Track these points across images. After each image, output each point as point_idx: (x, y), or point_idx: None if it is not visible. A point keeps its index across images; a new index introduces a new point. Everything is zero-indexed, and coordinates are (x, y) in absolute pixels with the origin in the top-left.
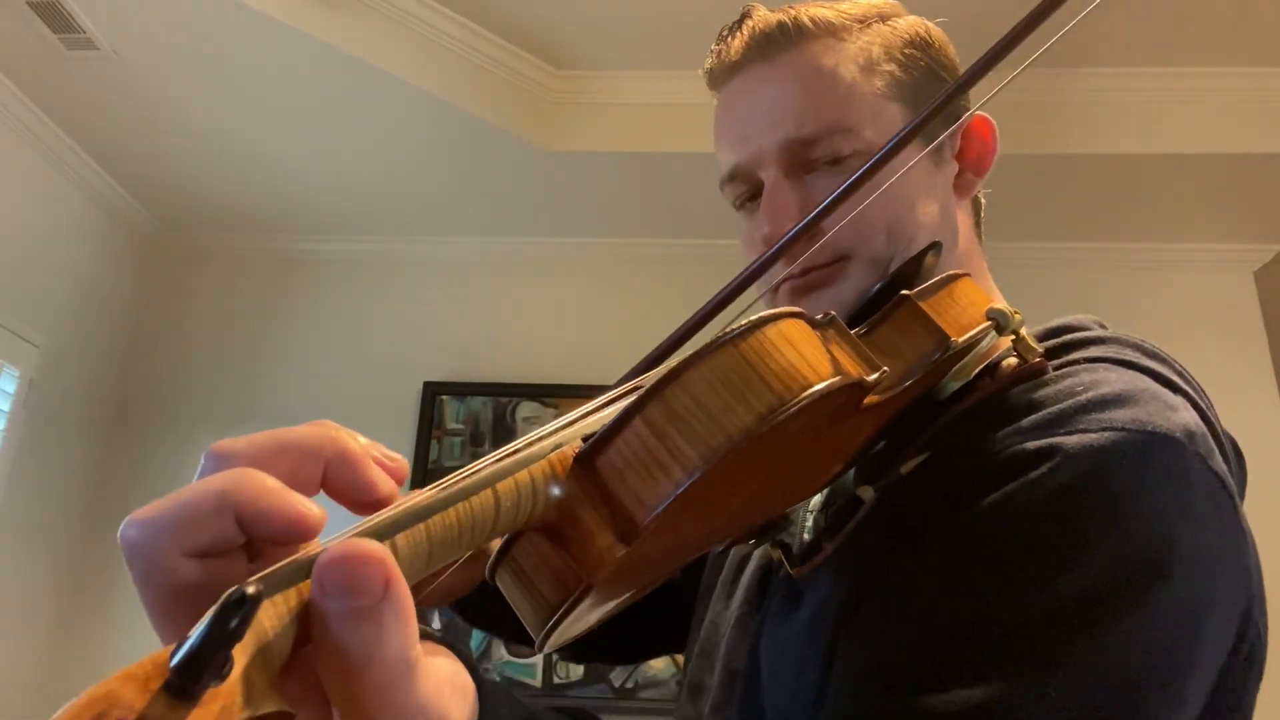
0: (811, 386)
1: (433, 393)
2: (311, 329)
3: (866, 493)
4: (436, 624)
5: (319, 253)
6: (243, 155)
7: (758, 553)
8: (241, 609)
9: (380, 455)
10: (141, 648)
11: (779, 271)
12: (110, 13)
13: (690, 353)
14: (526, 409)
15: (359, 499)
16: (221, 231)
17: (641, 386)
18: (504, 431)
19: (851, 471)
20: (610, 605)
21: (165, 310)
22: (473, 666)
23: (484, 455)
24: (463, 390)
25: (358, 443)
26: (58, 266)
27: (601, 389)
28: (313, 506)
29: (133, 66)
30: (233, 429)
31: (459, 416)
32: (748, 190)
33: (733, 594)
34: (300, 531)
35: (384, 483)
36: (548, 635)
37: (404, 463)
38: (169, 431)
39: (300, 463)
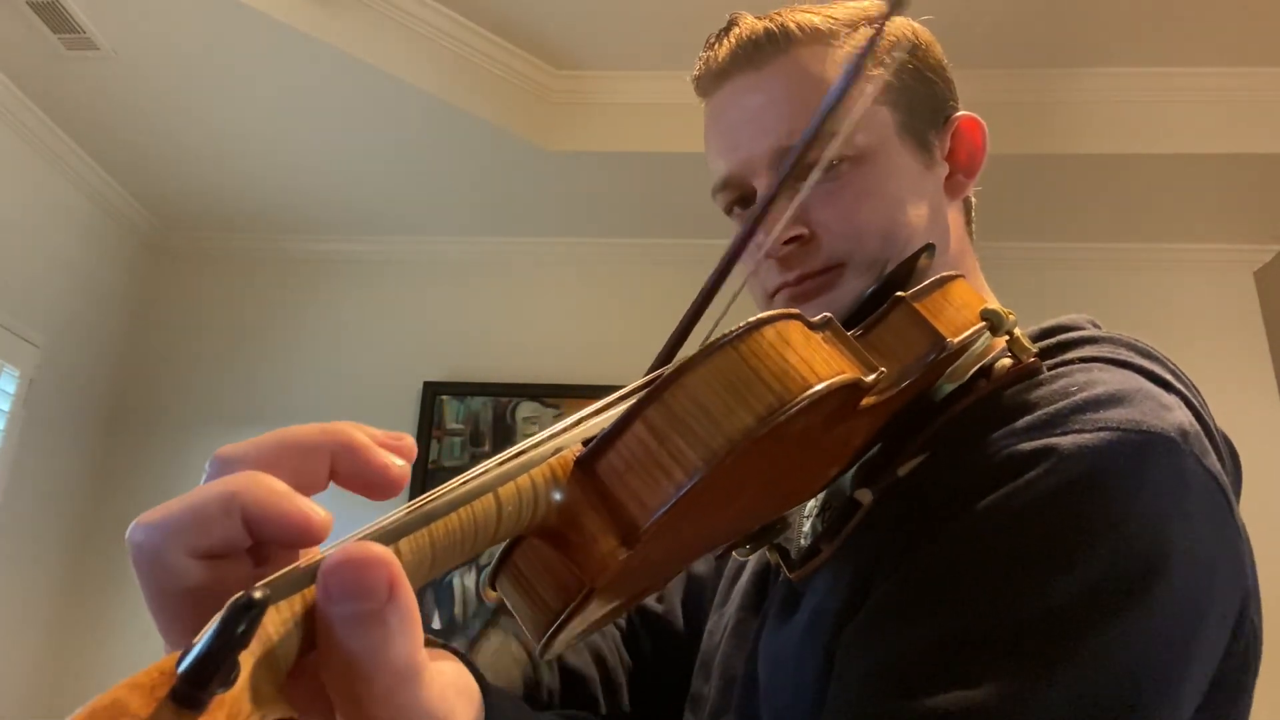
0: (811, 387)
1: (433, 393)
2: (311, 329)
3: (864, 495)
4: (436, 623)
5: (319, 253)
6: (242, 155)
7: (753, 559)
8: (249, 613)
9: (384, 437)
10: (140, 647)
11: (773, 274)
12: (110, 13)
13: (689, 356)
14: (526, 409)
15: (373, 483)
16: (221, 231)
17: (639, 391)
18: (504, 431)
19: (848, 474)
20: (610, 610)
21: (165, 310)
22: (477, 672)
23: (484, 455)
24: (463, 390)
25: (361, 432)
26: (58, 266)
27: (601, 389)
28: (319, 510)
29: (133, 66)
30: (232, 429)
31: (459, 416)
32: (739, 198)
33: (727, 603)
34: (306, 535)
35: (395, 464)
36: (550, 641)
37: (409, 439)
38: (168, 431)
39: (304, 459)
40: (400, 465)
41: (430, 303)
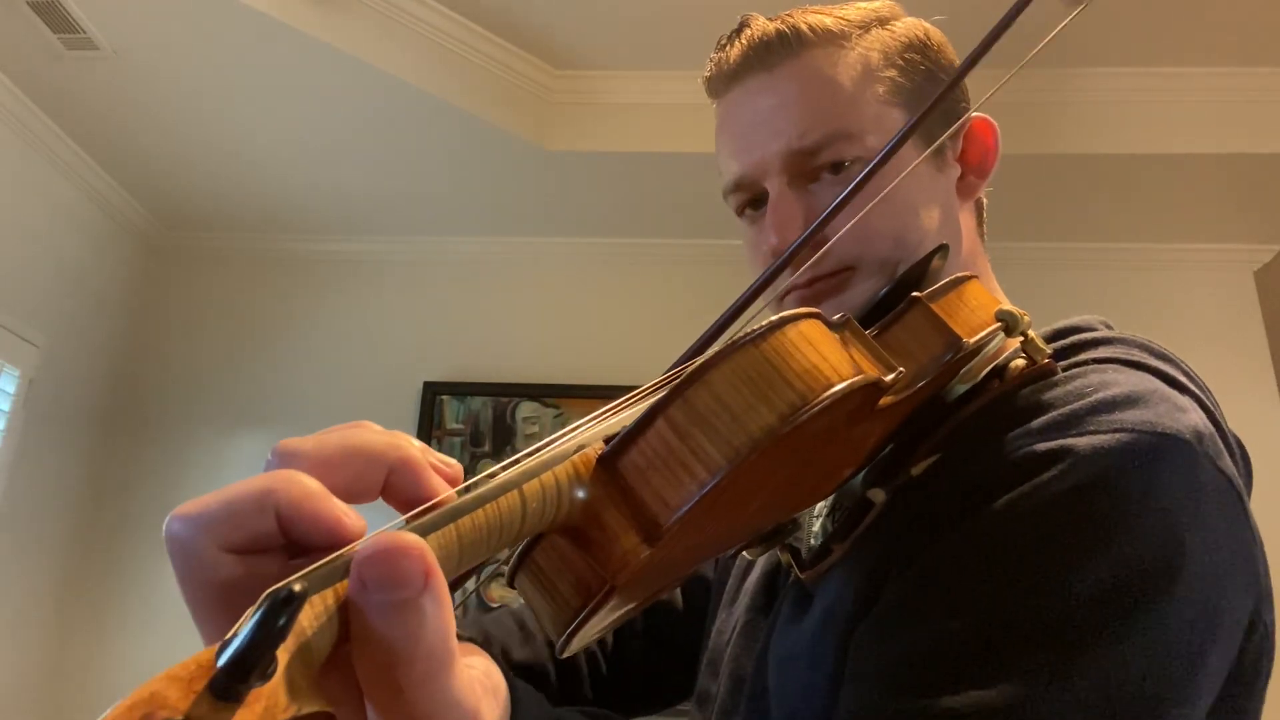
0: (833, 386)
1: (433, 393)
2: (312, 329)
3: (877, 495)
4: None
5: (319, 253)
6: (243, 155)
7: (762, 560)
8: (289, 607)
9: (437, 461)
10: (140, 646)
11: (786, 279)
12: (110, 13)
13: (711, 354)
14: (526, 409)
15: (419, 505)
16: (221, 231)
17: (660, 391)
18: (504, 431)
19: (860, 475)
20: (629, 608)
21: (165, 310)
22: (504, 667)
23: (484, 455)
24: (463, 390)
25: (416, 449)
26: (58, 267)
27: (601, 388)
28: (351, 514)
29: (133, 66)
30: (232, 429)
31: (459, 416)
32: (751, 199)
33: (736, 601)
34: (337, 537)
35: (444, 490)
36: (569, 639)
37: (459, 467)
38: (168, 431)
39: (364, 468)
40: (448, 494)
41: (430, 303)
